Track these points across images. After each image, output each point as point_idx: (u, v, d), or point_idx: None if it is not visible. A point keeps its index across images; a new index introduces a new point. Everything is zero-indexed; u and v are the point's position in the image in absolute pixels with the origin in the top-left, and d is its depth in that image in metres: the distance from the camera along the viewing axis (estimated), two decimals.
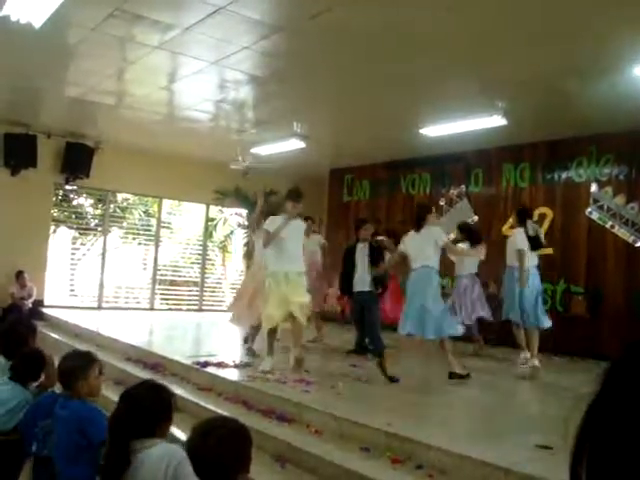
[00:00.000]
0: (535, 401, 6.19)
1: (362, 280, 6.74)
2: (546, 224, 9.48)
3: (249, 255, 10.05)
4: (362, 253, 6.83)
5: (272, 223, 6.46)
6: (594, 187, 9.21)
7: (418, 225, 6.50)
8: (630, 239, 8.79)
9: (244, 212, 13.56)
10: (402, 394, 5.68)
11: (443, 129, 8.90)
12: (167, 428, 2.47)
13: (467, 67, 6.82)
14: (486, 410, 5.45)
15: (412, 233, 6.56)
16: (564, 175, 9.59)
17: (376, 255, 6.86)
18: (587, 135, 9.14)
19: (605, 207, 9.08)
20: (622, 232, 8.85)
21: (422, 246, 6.36)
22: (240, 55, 6.90)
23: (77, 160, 11.45)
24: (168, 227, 14.10)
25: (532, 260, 7.19)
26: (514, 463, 3.59)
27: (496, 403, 5.77)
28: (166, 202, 13.68)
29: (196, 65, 7.33)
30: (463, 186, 10.97)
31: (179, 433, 4.19)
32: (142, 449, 2.31)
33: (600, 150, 9.15)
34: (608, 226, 9.02)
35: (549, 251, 9.11)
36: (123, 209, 14.46)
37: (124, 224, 14.17)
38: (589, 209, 9.24)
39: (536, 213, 9.60)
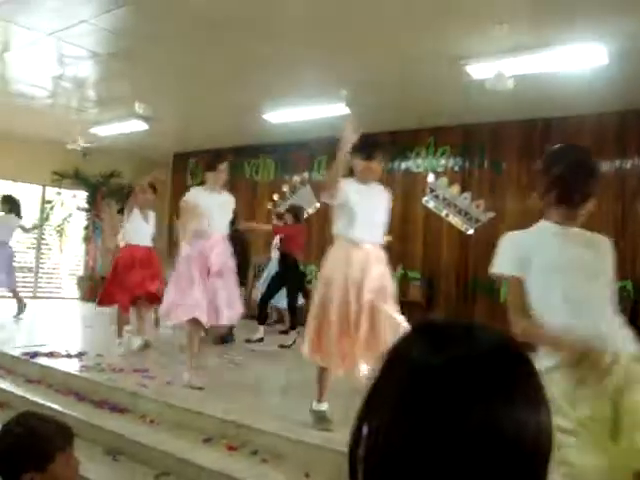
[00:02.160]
0: None
1: None
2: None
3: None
4: None
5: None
6: (431, 177, 9.66)
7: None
8: (463, 227, 9.30)
9: (83, 194, 13.02)
10: (240, 380, 5.67)
11: (287, 115, 8.97)
12: None
13: (316, 54, 6.87)
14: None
15: None
16: (404, 165, 9.96)
17: None
18: (426, 127, 9.55)
19: (441, 197, 9.54)
20: (455, 221, 9.35)
21: None
22: (79, 29, 6.54)
23: None
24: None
25: None
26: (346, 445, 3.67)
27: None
28: None
29: (30, 36, 6.87)
30: (306, 173, 11.12)
31: None
32: None
33: (437, 142, 9.59)
34: (443, 215, 9.49)
35: (388, 238, 9.41)
36: None
37: None
38: (426, 198, 9.67)
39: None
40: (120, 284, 6.68)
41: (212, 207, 5.31)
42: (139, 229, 6.92)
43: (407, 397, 0.67)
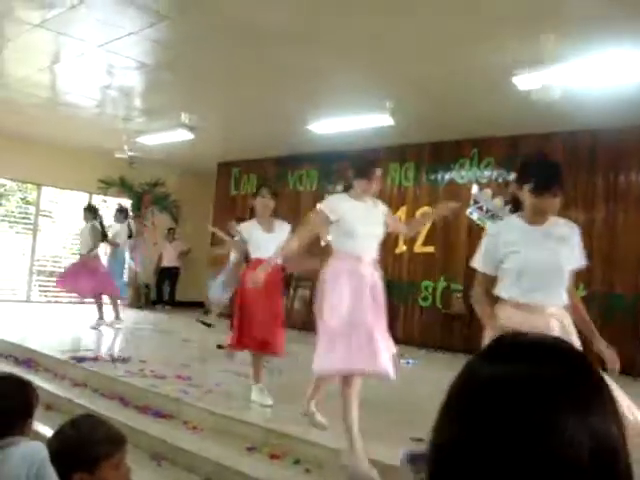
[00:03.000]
0: (415, 396, 6.30)
1: None
2: (428, 223, 9.75)
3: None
4: None
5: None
6: (475, 189, 9.55)
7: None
8: None
9: (128, 202, 13.22)
10: (282, 389, 5.67)
11: (330, 126, 8.98)
12: (28, 425, 2.33)
13: (361, 64, 6.88)
14: (366, 405, 5.46)
15: None
16: (447, 176, 9.90)
17: None
18: (470, 138, 9.48)
19: (484, 208, 9.42)
20: None
21: None
22: (127, 40, 6.66)
23: None
24: (49, 216, 13.49)
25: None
26: (392, 458, 3.62)
27: (376, 398, 5.80)
28: (47, 190, 13.08)
29: (80, 47, 7.02)
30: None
31: (47, 430, 4.00)
32: (2, 447, 2.17)
33: (481, 153, 9.51)
34: (487, 226, 9.37)
35: (430, 249, 9.38)
36: None
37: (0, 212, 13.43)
38: (469, 210, 9.56)
39: (419, 212, 9.89)
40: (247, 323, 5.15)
41: (356, 220, 4.00)
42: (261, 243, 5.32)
43: (473, 411, 0.66)
